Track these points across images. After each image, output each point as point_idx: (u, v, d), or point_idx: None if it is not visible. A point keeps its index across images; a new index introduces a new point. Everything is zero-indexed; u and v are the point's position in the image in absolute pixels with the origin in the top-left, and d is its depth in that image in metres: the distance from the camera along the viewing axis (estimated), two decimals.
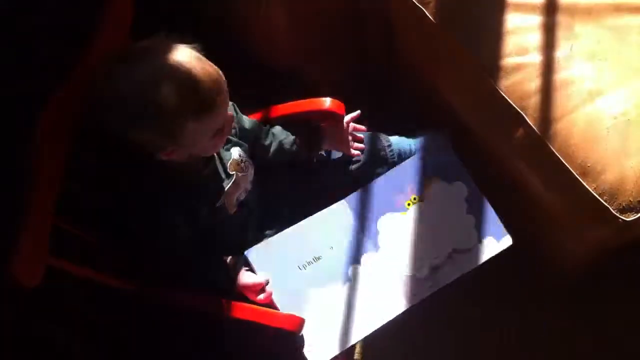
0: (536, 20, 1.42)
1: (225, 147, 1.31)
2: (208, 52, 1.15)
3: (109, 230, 1.26)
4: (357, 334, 1.34)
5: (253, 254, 1.35)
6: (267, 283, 1.33)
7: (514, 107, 1.38)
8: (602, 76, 1.38)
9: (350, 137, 1.49)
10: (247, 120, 1.39)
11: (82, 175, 1.19)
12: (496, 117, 1.42)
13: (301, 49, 1.70)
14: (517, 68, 1.39)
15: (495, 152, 1.49)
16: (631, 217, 1.32)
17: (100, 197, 1.24)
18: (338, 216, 1.41)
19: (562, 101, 1.37)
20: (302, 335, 1.31)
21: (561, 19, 1.42)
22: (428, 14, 1.44)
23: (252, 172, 1.37)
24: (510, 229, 1.64)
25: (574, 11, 1.44)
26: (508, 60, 1.40)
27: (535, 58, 1.39)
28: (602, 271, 1.70)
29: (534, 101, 1.37)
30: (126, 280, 1.25)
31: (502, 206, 1.66)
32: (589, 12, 1.45)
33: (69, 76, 1.11)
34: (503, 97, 1.39)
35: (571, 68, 1.38)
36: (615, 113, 1.35)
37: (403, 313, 1.37)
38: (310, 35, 1.67)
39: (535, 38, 1.41)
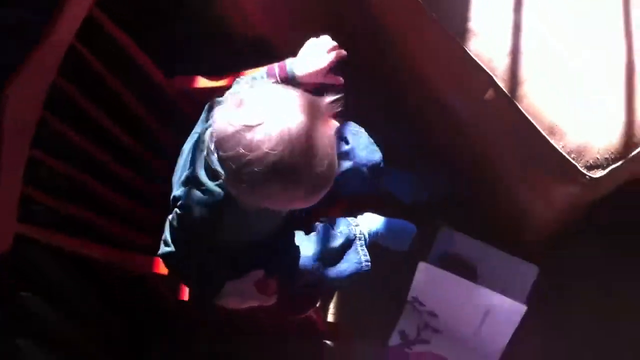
0: None
1: None
2: (175, 21, 1.13)
3: None
4: None
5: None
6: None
7: (484, 69, 1.39)
8: (570, 37, 1.39)
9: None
10: None
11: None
12: (466, 80, 1.43)
13: (271, 18, 1.69)
14: (486, 31, 1.40)
15: (466, 116, 1.50)
16: (598, 174, 1.34)
17: None
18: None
19: (530, 62, 1.38)
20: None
21: None
22: None
23: None
24: (480, 190, 1.68)
25: None
26: (477, 23, 1.40)
27: (504, 20, 1.40)
28: (570, 229, 1.74)
29: (503, 63, 1.38)
30: (97, 246, 1.25)
31: (472, 168, 1.68)
32: None
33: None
34: (473, 59, 1.40)
35: (539, 29, 1.39)
36: (583, 72, 1.37)
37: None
38: (281, 4, 1.66)
39: (503, 0, 1.41)
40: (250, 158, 0.99)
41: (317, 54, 1.28)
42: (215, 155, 1.06)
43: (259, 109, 1.02)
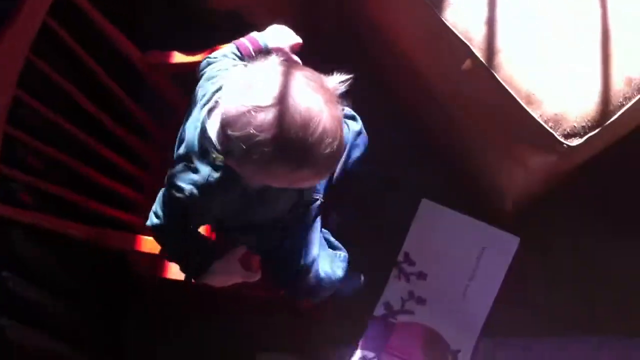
0: None
1: None
2: None
3: None
4: None
5: None
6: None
7: (461, 39, 1.38)
8: (546, 5, 1.39)
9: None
10: None
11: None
12: (444, 49, 1.43)
13: None
14: (462, 0, 1.39)
15: (444, 87, 1.50)
16: (575, 142, 1.34)
17: None
18: None
19: (507, 31, 1.37)
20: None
21: None
22: None
23: None
24: (459, 161, 1.68)
25: None
26: None
27: None
28: (549, 197, 1.76)
29: (480, 32, 1.38)
30: (74, 224, 1.25)
31: (449, 137, 1.69)
32: None
33: None
34: (450, 29, 1.39)
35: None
36: (559, 41, 1.37)
37: None
38: None
39: None
40: (260, 139, 1.00)
41: (283, 31, 1.30)
42: (216, 135, 1.08)
43: (271, 89, 1.02)
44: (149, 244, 1.33)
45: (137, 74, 1.42)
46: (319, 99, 1.03)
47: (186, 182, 1.16)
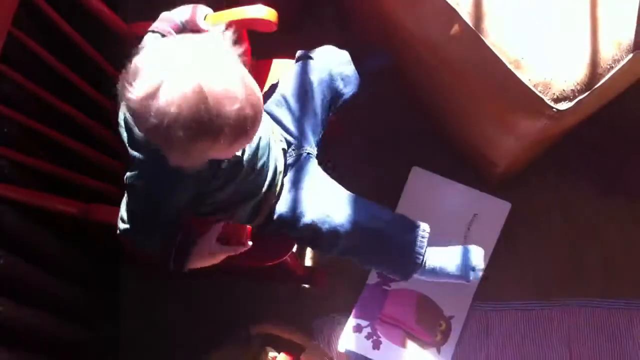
0: None
1: None
2: None
3: None
4: None
5: None
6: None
7: (448, 3, 1.37)
8: None
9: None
10: None
11: None
12: (431, 14, 1.41)
13: None
14: None
15: (433, 53, 1.49)
16: (564, 106, 1.34)
17: None
18: None
19: None
20: None
21: None
22: None
23: None
24: (449, 128, 1.68)
25: None
26: None
27: None
28: (538, 162, 1.76)
29: None
30: (61, 199, 1.24)
31: (439, 104, 1.68)
32: None
33: None
34: None
35: None
36: (549, 4, 1.35)
37: None
38: None
39: None
40: (165, 124, 0.97)
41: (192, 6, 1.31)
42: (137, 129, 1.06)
43: (153, 72, 0.98)
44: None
45: (121, 45, 1.41)
46: (212, 62, 1.00)
47: (137, 177, 1.15)
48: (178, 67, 0.99)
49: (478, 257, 1.50)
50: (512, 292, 1.79)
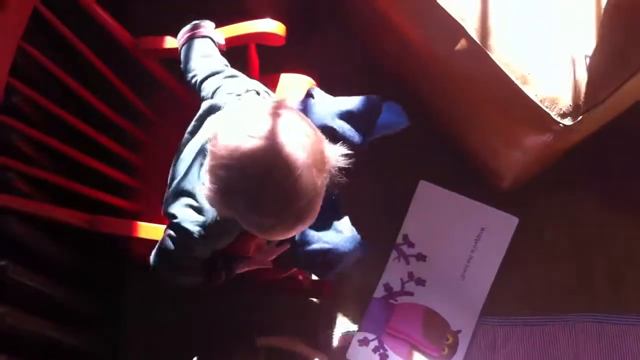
0: None
1: None
2: None
3: None
4: None
5: None
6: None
7: (454, 19, 1.38)
8: None
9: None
10: None
11: None
12: (438, 29, 1.42)
13: None
14: None
15: (440, 69, 1.49)
16: (571, 122, 1.34)
17: None
18: None
19: (501, 11, 1.36)
20: None
21: None
22: None
23: None
24: (456, 142, 1.67)
25: None
26: None
27: None
28: (545, 176, 1.76)
29: (473, 11, 1.37)
30: (68, 211, 1.26)
31: (446, 118, 1.68)
32: None
33: None
34: (442, 8, 1.38)
35: None
36: (555, 20, 1.36)
37: None
38: None
39: None
40: (225, 162, 0.97)
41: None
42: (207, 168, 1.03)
43: (258, 126, 0.98)
44: (142, 230, 1.34)
45: (129, 59, 1.42)
46: (303, 151, 0.98)
47: (193, 225, 1.14)
48: (283, 144, 0.97)
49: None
50: (519, 307, 1.78)
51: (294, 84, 1.52)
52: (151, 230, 1.33)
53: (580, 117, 1.34)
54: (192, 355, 1.70)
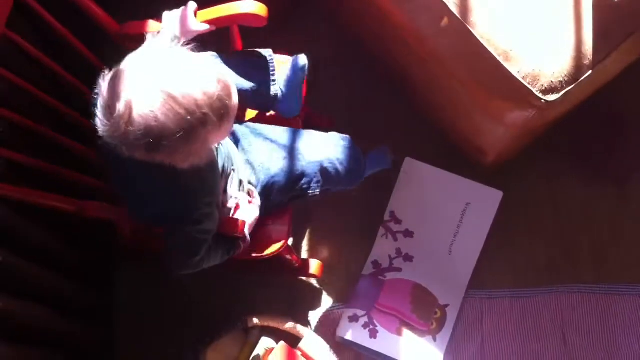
0: None
1: None
2: None
3: None
4: None
5: None
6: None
7: None
8: None
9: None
10: None
11: None
12: (421, 6, 1.42)
13: None
14: None
15: (421, 44, 1.50)
16: (553, 98, 1.36)
17: None
18: None
19: None
20: None
21: None
22: None
23: None
24: (441, 119, 1.68)
25: None
26: None
27: None
28: (527, 151, 1.79)
29: None
30: (56, 196, 1.26)
31: (429, 95, 1.69)
32: None
33: None
34: None
35: None
36: None
37: None
38: None
39: None
40: (156, 138, 1.02)
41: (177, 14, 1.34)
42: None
43: (119, 100, 1.02)
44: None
45: (114, 45, 1.41)
46: (164, 65, 1.05)
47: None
48: (136, 85, 1.02)
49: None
50: (506, 280, 1.81)
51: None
52: None
53: (562, 93, 1.35)
54: (183, 339, 1.72)
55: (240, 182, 1.39)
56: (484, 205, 1.83)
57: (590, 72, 1.36)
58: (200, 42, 1.19)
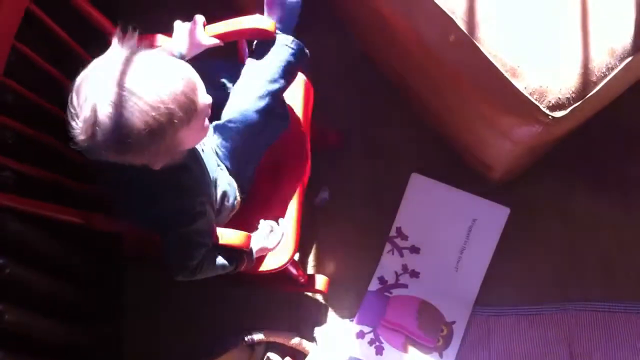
0: None
1: None
2: None
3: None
4: None
5: None
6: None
7: (443, 11, 1.38)
8: None
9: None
10: None
11: None
12: (428, 21, 1.43)
13: None
14: None
15: (429, 60, 1.51)
16: (560, 114, 1.35)
17: None
18: None
19: (490, 3, 1.37)
20: None
21: None
22: None
23: None
24: (447, 134, 1.68)
25: None
26: None
27: None
28: (534, 166, 1.78)
29: (463, 4, 1.38)
30: (62, 208, 1.26)
31: (437, 110, 1.69)
32: None
33: None
34: (433, 2, 1.39)
35: None
36: (543, 13, 1.37)
37: None
38: None
39: None
40: (128, 138, 1.03)
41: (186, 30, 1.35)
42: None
43: (83, 104, 1.04)
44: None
45: None
46: (123, 67, 1.05)
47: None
48: (98, 87, 1.03)
49: None
50: (513, 297, 1.80)
51: None
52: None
53: (569, 109, 1.35)
54: (189, 352, 1.72)
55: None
56: (491, 222, 1.83)
57: (597, 88, 1.35)
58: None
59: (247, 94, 1.36)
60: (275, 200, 1.48)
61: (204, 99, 1.13)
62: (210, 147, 1.36)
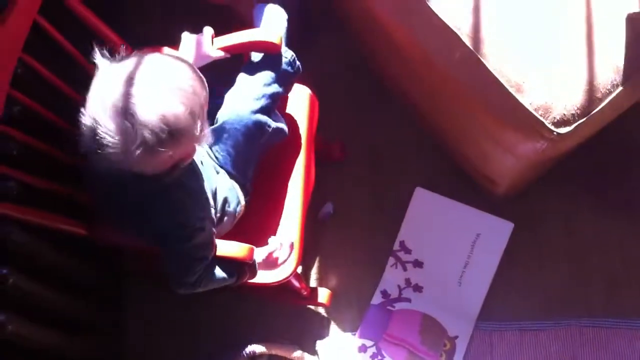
0: None
1: None
2: None
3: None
4: None
5: None
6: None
7: (449, 27, 1.39)
8: None
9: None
10: None
11: None
12: (433, 37, 1.43)
13: None
14: None
15: (433, 75, 1.51)
16: (565, 130, 1.35)
17: None
18: None
19: (495, 20, 1.38)
20: None
21: None
22: None
23: None
24: (451, 149, 1.68)
25: None
26: None
27: None
28: (539, 182, 1.78)
29: (468, 20, 1.38)
30: (65, 219, 1.27)
31: (441, 125, 1.70)
32: None
33: None
34: (438, 17, 1.39)
35: None
36: (549, 29, 1.37)
37: None
38: None
39: None
40: (140, 137, 1.05)
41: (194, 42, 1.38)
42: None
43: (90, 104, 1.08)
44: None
45: None
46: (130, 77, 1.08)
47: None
48: (97, 104, 1.07)
49: None
50: (516, 312, 1.80)
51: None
52: None
53: (574, 125, 1.35)
54: None
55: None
56: (495, 237, 1.82)
57: (602, 105, 1.35)
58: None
59: (242, 96, 1.38)
60: (279, 213, 1.48)
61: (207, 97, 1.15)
62: (208, 156, 1.37)
